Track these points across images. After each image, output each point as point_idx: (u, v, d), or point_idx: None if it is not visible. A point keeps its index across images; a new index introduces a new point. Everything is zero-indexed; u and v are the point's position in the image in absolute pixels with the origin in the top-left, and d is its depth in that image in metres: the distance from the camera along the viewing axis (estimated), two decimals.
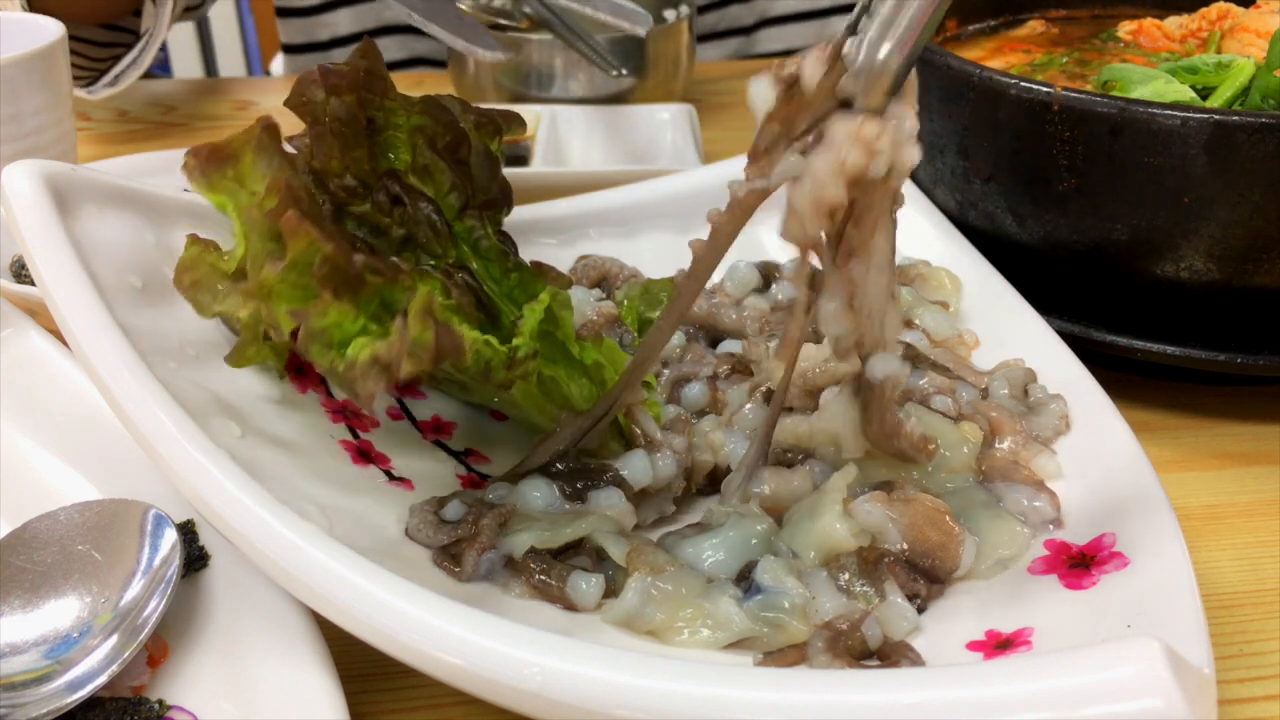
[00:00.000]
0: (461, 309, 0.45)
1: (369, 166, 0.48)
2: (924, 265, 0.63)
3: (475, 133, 0.52)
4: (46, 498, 0.48)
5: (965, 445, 0.48)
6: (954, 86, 0.63)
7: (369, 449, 0.50)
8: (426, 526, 0.46)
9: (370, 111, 0.49)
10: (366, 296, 0.42)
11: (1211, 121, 0.54)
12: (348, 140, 0.47)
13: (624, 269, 0.64)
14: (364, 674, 0.45)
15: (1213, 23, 0.75)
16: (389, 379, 0.39)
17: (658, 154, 0.95)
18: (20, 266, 0.68)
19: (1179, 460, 0.60)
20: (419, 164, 0.49)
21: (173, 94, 1.17)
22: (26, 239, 0.45)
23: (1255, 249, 0.56)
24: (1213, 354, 0.59)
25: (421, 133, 0.50)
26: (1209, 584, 0.50)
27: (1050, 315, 0.60)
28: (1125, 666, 0.31)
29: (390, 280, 0.43)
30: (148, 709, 0.41)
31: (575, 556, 0.45)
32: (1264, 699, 0.45)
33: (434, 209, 0.49)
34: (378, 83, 0.50)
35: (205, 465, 0.40)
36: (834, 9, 1.31)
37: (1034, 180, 0.60)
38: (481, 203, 0.52)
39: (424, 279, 0.45)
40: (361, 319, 0.42)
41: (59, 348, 0.54)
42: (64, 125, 0.81)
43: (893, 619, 0.43)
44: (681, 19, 1.02)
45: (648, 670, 0.34)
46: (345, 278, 0.41)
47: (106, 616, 0.42)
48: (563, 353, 0.48)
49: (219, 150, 0.45)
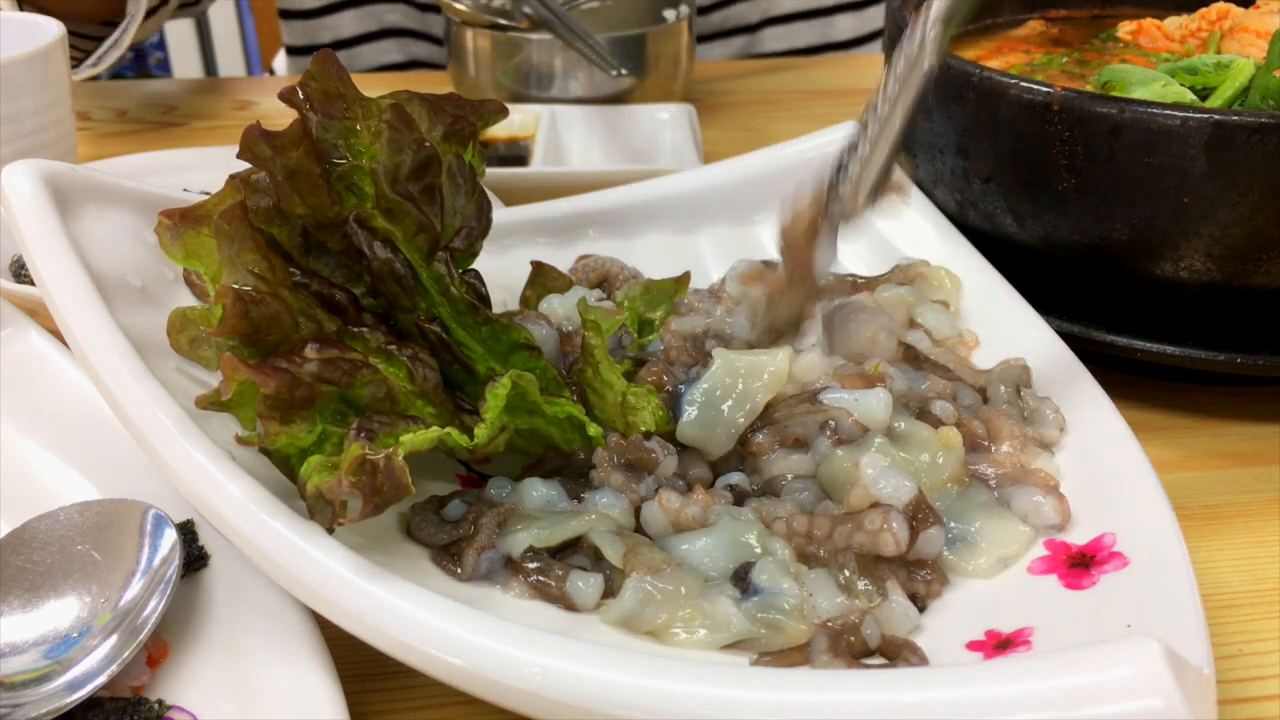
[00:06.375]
0: (425, 393, 0.46)
1: (333, 212, 0.47)
2: (924, 265, 0.63)
3: (444, 145, 0.50)
4: (46, 498, 0.48)
5: (942, 454, 0.48)
6: (954, 86, 0.63)
7: None
8: (427, 526, 0.46)
9: (328, 144, 0.47)
10: (323, 403, 0.43)
11: (1211, 121, 0.54)
12: (303, 190, 0.46)
13: (624, 269, 0.64)
14: (364, 674, 0.45)
15: (1212, 23, 0.75)
16: (334, 517, 0.39)
17: (658, 154, 0.96)
18: (20, 266, 0.68)
19: (1179, 460, 0.60)
20: (383, 205, 0.48)
21: (173, 94, 1.17)
22: (26, 239, 0.45)
23: (1255, 249, 0.56)
24: (1212, 354, 0.59)
25: (384, 169, 0.48)
26: (1209, 584, 0.50)
27: (1050, 315, 0.60)
28: (1125, 666, 0.31)
29: (347, 383, 0.43)
30: (147, 709, 0.41)
31: (574, 555, 0.45)
32: (1264, 699, 0.45)
33: (400, 260, 0.48)
34: (335, 103, 0.48)
35: (205, 465, 0.40)
36: (836, 7, 1.32)
37: (1034, 180, 0.60)
38: (453, 237, 0.51)
39: (389, 361, 0.45)
40: (319, 426, 0.42)
41: (59, 348, 0.54)
42: (64, 125, 0.81)
43: (894, 618, 0.42)
44: (681, 19, 1.02)
45: (647, 670, 0.34)
46: (291, 403, 0.42)
47: (106, 616, 0.42)
48: (537, 408, 0.48)
49: (190, 213, 0.45)
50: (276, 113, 0.49)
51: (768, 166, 0.70)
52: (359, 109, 0.48)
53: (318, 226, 0.47)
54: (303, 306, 0.45)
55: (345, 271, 0.48)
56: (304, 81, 0.48)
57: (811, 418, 0.49)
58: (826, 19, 1.32)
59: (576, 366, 0.51)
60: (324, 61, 0.48)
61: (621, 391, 0.50)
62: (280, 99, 0.47)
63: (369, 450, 0.40)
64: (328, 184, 0.47)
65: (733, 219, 0.70)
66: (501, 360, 0.50)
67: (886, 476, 0.45)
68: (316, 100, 0.48)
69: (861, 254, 0.67)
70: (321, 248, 0.48)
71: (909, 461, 0.47)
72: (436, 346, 0.48)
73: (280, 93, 0.47)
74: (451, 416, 0.47)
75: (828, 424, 0.48)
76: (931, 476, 0.47)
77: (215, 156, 0.83)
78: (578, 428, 0.49)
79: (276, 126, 0.46)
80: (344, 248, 0.48)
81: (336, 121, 0.48)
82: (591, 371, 0.50)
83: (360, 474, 0.39)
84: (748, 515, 0.46)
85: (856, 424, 0.48)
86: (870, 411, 0.48)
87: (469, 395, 0.49)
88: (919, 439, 0.48)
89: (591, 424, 0.49)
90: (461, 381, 0.50)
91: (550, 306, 0.58)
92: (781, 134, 0.75)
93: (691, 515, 0.46)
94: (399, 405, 0.45)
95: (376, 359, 0.45)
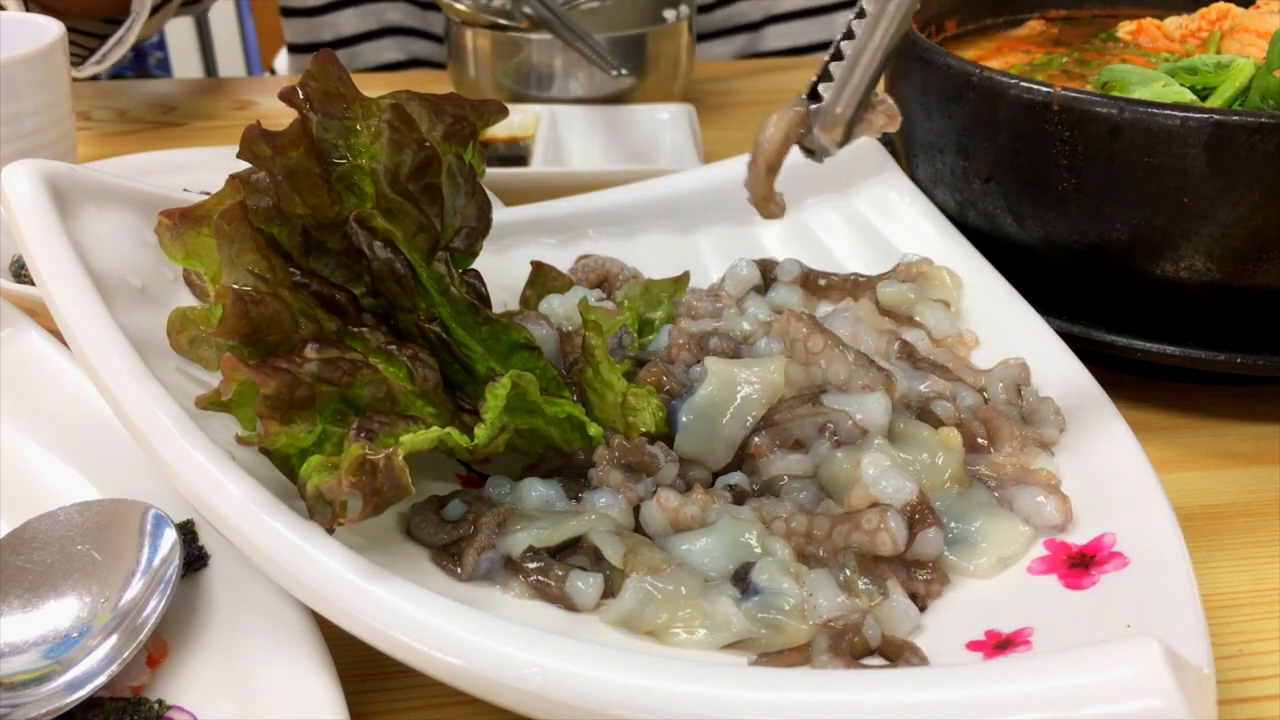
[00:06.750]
0: (425, 393, 0.46)
1: (333, 212, 0.47)
2: (926, 263, 0.63)
3: (444, 145, 0.50)
4: (46, 498, 0.48)
5: (942, 454, 0.48)
6: (954, 86, 0.63)
7: None
8: (427, 525, 0.46)
9: (328, 144, 0.47)
10: (323, 403, 0.43)
11: (1211, 121, 0.54)
12: (303, 190, 0.46)
13: (624, 269, 0.64)
14: (364, 674, 0.45)
15: (1212, 23, 0.75)
16: (334, 517, 0.39)
17: (658, 154, 0.96)
18: (20, 266, 0.68)
19: (1179, 460, 0.60)
20: (383, 205, 0.48)
21: (173, 94, 1.17)
22: (26, 239, 0.45)
23: (1255, 249, 0.56)
24: (1212, 354, 0.59)
25: (384, 169, 0.48)
26: (1209, 584, 0.50)
27: (1050, 315, 0.60)
28: (1125, 666, 0.31)
29: (347, 383, 0.43)
30: (147, 709, 0.41)
31: (574, 555, 0.45)
32: (1264, 699, 0.45)
33: (400, 260, 0.48)
34: (335, 103, 0.48)
35: (205, 465, 0.40)
36: (839, 4, 1.32)
37: (1034, 180, 0.60)
38: (453, 237, 0.50)
39: (389, 361, 0.45)
40: (319, 426, 0.42)
41: (59, 348, 0.54)
42: (64, 125, 0.81)
43: (895, 618, 0.43)
44: (681, 19, 1.03)
45: (647, 670, 0.34)
46: (291, 404, 0.41)
47: (106, 616, 0.42)
48: (537, 408, 0.48)
49: (190, 213, 0.45)
50: (276, 113, 0.49)
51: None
52: (359, 109, 0.48)
53: (318, 226, 0.47)
54: (303, 306, 0.45)
55: (345, 271, 0.48)
56: (304, 81, 0.48)
57: (811, 420, 0.49)
58: (829, 16, 1.32)
59: (577, 366, 0.51)
60: (324, 61, 0.48)
61: (622, 392, 0.50)
62: (280, 99, 0.47)
63: (369, 450, 0.40)
64: (328, 184, 0.47)
65: (733, 219, 0.70)
66: (501, 360, 0.50)
67: (888, 477, 0.45)
68: (316, 100, 0.48)
69: (862, 254, 0.67)
70: (321, 248, 0.48)
71: (909, 462, 0.47)
72: (436, 346, 0.48)
73: (280, 93, 0.47)
74: (451, 417, 0.47)
75: (826, 426, 0.48)
76: (931, 477, 0.47)
77: (215, 156, 0.83)
78: (578, 428, 0.49)
79: (276, 126, 0.46)
80: (344, 248, 0.48)
81: (336, 121, 0.48)
82: (592, 372, 0.50)
83: (360, 474, 0.39)
84: (747, 515, 0.46)
85: (856, 426, 0.48)
86: (871, 414, 0.48)
87: (469, 395, 0.49)
88: (919, 439, 0.48)
89: (592, 424, 0.49)
90: (461, 381, 0.50)
91: (550, 306, 0.58)
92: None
93: (690, 515, 0.46)
94: (399, 405, 0.45)
95: (376, 359, 0.45)
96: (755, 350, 0.55)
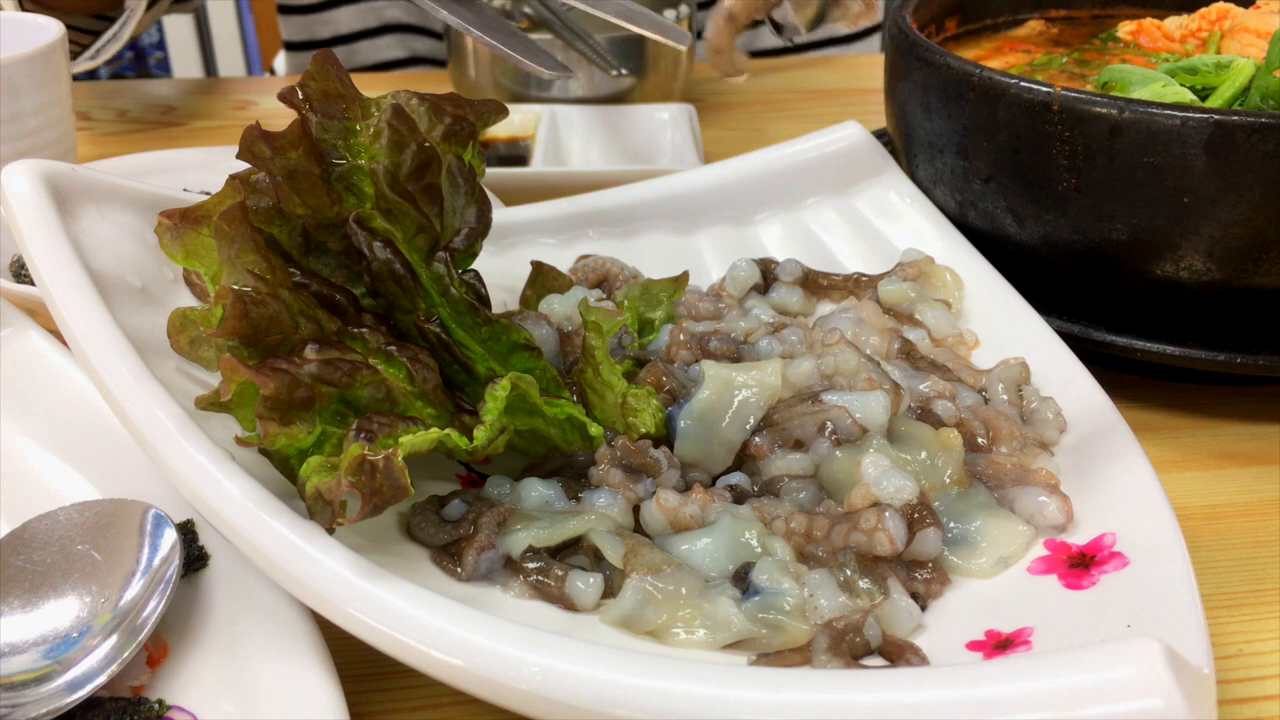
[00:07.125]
0: (425, 394, 0.46)
1: (333, 212, 0.47)
2: (928, 262, 0.63)
3: (444, 145, 0.50)
4: (46, 498, 0.48)
5: (941, 454, 0.48)
6: (954, 86, 0.63)
7: None
8: (427, 525, 0.46)
9: (327, 144, 0.47)
10: (322, 404, 0.43)
11: (1211, 121, 0.54)
12: (303, 190, 0.46)
13: (624, 269, 0.64)
14: (364, 674, 0.45)
15: (1212, 23, 0.75)
16: (334, 517, 0.39)
17: (658, 154, 0.96)
18: (20, 266, 0.68)
19: (1179, 460, 0.60)
20: (382, 206, 0.48)
21: (172, 94, 1.17)
22: (26, 239, 0.45)
23: (1255, 249, 0.56)
24: (1212, 354, 0.59)
25: (384, 169, 0.48)
26: (1209, 584, 0.50)
27: (1050, 315, 0.60)
28: (1125, 666, 0.31)
29: (347, 384, 0.43)
30: (147, 709, 0.41)
31: (574, 555, 0.45)
32: (1264, 699, 0.45)
33: (400, 260, 0.48)
34: (335, 104, 0.48)
35: (205, 465, 0.40)
36: None
37: (1034, 180, 0.60)
38: (453, 237, 0.50)
39: (389, 362, 0.45)
40: (318, 427, 0.42)
41: (59, 348, 0.54)
42: (64, 125, 0.81)
43: (896, 617, 0.42)
44: (681, 19, 1.03)
45: (647, 670, 0.34)
46: (291, 404, 0.42)
47: (106, 616, 0.42)
48: (537, 409, 0.48)
49: (190, 213, 0.45)
50: (276, 113, 0.49)
51: (768, 166, 0.70)
52: (359, 109, 0.48)
53: (318, 227, 0.47)
54: (303, 307, 0.45)
55: (345, 272, 0.48)
56: (303, 81, 0.48)
57: (811, 419, 0.49)
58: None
59: (577, 367, 0.51)
60: (323, 61, 0.48)
61: (622, 392, 0.50)
62: (280, 99, 0.47)
63: (368, 451, 0.40)
64: (327, 184, 0.47)
65: (733, 219, 0.70)
66: (501, 361, 0.50)
67: (888, 476, 0.45)
68: (316, 100, 0.48)
69: (862, 254, 0.67)
70: (321, 248, 0.48)
71: (909, 462, 0.47)
72: (436, 347, 0.48)
73: (280, 93, 0.47)
74: (451, 417, 0.47)
75: (826, 425, 0.48)
76: (931, 477, 0.47)
77: (215, 156, 0.82)
78: (578, 428, 0.49)
79: (276, 126, 0.46)
80: (344, 248, 0.48)
81: (336, 121, 0.48)
82: (592, 372, 0.50)
83: (359, 474, 0.39)
84: (747, 515, 0.46)
85: (856, 425, 0.48)
86: (870, 413, 0.48)
87: (469, 396, 0.49)
88: (919, 439, 0.48)
89: (592, 424, 0.49)
90: (461, 382, 0.50)
91: (550, 306, 0.58)
92: (781, 134, 0.75)
93: (689, 514, 0.46)
94: (399, 406, 0.45)
95: (376, 360, 0.45)
96: (756, 350, 0.55)
